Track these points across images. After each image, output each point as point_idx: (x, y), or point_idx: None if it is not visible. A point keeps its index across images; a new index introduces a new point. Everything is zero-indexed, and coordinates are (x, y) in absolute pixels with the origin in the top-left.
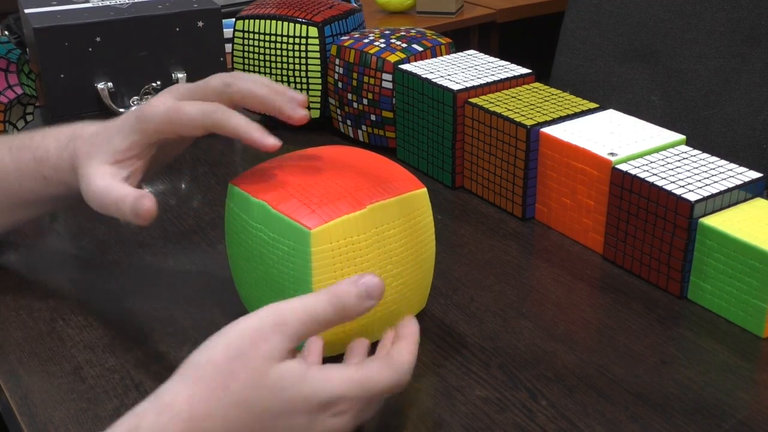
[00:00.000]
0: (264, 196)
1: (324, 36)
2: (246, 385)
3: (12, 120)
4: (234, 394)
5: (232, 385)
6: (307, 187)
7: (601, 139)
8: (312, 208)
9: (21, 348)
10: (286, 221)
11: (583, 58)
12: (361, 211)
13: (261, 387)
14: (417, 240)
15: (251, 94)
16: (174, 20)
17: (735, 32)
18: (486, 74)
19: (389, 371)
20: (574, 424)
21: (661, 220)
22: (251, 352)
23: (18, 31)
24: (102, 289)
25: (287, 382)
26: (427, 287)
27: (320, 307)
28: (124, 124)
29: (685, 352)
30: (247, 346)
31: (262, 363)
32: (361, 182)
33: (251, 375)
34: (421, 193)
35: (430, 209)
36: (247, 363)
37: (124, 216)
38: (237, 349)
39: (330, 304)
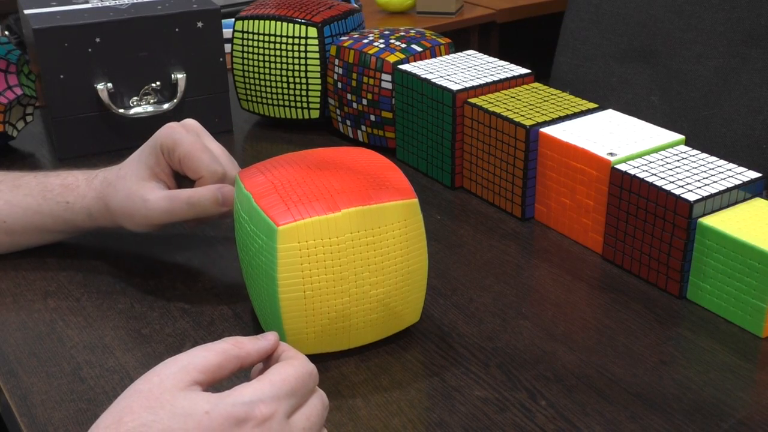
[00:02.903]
0: (252, 188)
1: (323, 36)
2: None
3: (12, 121)
4: (128, 422)
5: (126, 417)
6: (295, 185)
7: (600, 139)
8: (288, 206)
9: (21, 348)
10: (261, 215)
11: (583, 58)
12: (334, 214)
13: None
14: (403, 251)
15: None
16: (174, 21)
17: (735, 32)
18: (485, 74)
19: (293, 367)
20: (574, 424)
21: (660, 220)
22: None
23: (18, 32)
24: (102, 290)
25: (181, 401)
26: (419, 301)
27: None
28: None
29: (685, 352)
30: (139, 385)
31: (153, 390)
32: (349, 186)
33: (144, 403)
34: (408, 204)
35: (420, 221)
36: (140, 395)
37: (200, 211)
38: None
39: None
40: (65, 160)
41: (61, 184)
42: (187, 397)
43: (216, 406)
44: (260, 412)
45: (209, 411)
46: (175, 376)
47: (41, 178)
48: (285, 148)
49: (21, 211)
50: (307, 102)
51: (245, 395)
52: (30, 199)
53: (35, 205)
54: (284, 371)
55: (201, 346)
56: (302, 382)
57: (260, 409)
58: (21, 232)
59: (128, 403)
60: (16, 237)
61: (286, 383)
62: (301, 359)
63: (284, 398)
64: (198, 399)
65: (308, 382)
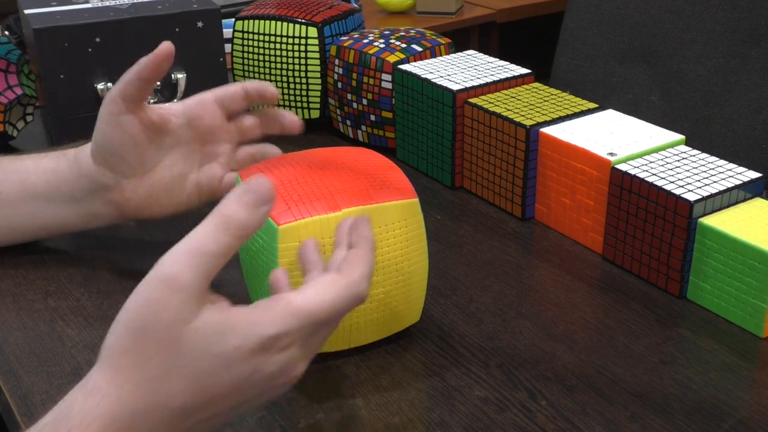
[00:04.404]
0: None
1: (323, 36)
2: (161, 359)
3: (12, 120)
4: (152, 369)
5: (145, 363)
6: (295, 185)
7: (600, 139)
8: (288, 205)
9: (21, 348)
10: None
11: (583, 58)
12: (334, 213)
13: (178, 354)
14: (404, 251)
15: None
16: (174, 20)
17: (735, 32)
18: (485, 74)
19: (334, 290)
20: (574, 424)
21: (660, 220)
22: (155, 323)
23: (18, 32)
24: (102, 290)
25: (208, 341)
26: (420, 300)
27: (208, 239)
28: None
29: (685, 352)
30: (147, 319)
31: (171, 332)
32: (350, 185)
33: (161, 347)
34: (408, 204)
35: (420, 221)
36: (151, 336)
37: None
38: (139, 324)
39: (217, 230)
40: None
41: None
42: (212, 331)
43: (246, 340)
44: (283, 343)
45: (239, 346)
46: (187, 305)
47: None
48: (285, 148)
49: (16, 175)
50: (308, 102)
51: (272, 327)
52: (28, 161)
53: (30, 165)
54: (317, 303)
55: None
56: (340, 309)
57: (283, 341)
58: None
59: (143, 346)
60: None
61: (315, 316)
62: (357, 281)
63: (308, 328)
64: (224, 334)
65: (350, 306)
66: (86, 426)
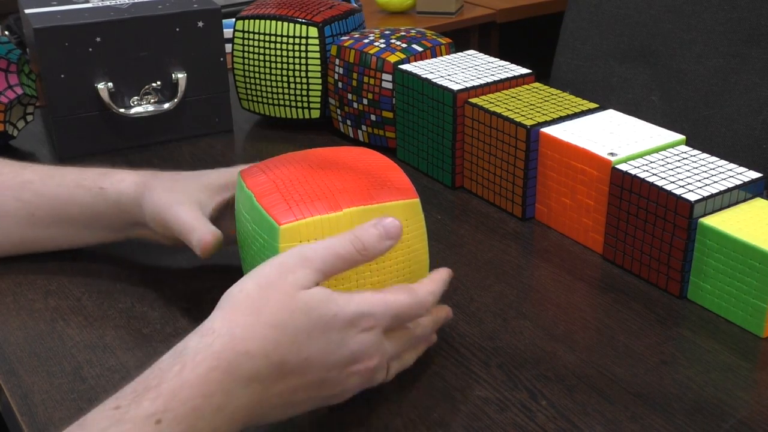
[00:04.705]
0: (254, 187)
1: (324, 36)
2: (277, 309)
3: (12, 120)
4: (267, 316)
5: (264, 310)
6: (296, 184)
7: (600, 139)
8: (289, 205)
9: (21, 348)
10: (263, 214)
11: (583, 58)
12: (336, 213)
13: (291, 310)
14: (405, 251)
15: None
16: (174, 20)
17: (735, 32)
18: (486, 74)
19: (406, 294)
20: (574, 424)
21: (660, 220)
22: (279, 281)
23: (18, 31)
24: (103, 289)
25: (315, 303)
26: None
27: (341, 246)
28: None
29: (685, 352)
30: (275, 277)
31: (290, 290)
32: (351, 185)
33: (281, 300)
34: (409, 204)
35: (421, 221)
36: (276, 290)
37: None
38: (267, 280)
39: (351, 243)
40: (65, 159)
41: (99, 171)
42: (320, 298)
43: (342, 310)
44: (367, 322)
45: (337, 314)
46: (309, 277)
47: (79, 168)
48: (285, 147)
49: (49, 201)
50: (308, 102)
51: (364, 305)
52: (62, 189)
53: (65, 195)
54: (401, 298)
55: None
56: (409, 312)
57: (367, 320)
58: (47, 224)
59: (265, 297)
60: (40, 231)
61: (395, 308)
62: (424, 294)
63: (388, 319)
64: (328, 302)
65: (418, 312)
66: (198, 361)
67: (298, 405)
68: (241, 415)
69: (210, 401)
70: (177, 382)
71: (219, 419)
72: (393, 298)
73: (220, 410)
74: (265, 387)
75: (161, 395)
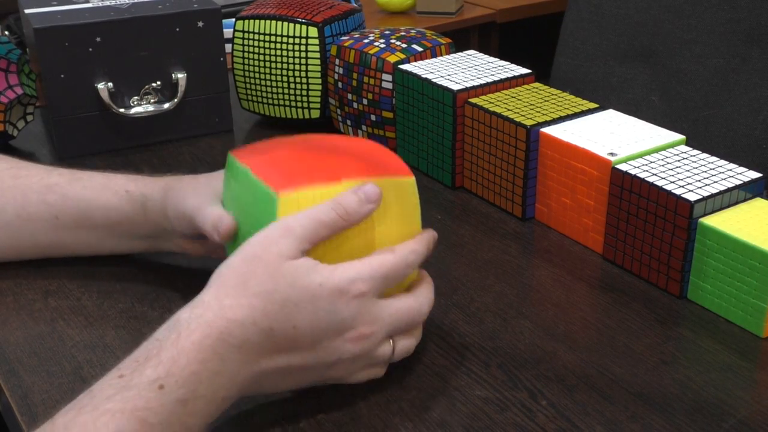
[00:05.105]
0: (249, 162)
1: (324, 36)
2: (263, 280)
3: (12, 120)
4: (253, 287)
5: (251, 281)
6: (293, 161)
7: (600, 139)
8: (288, 177)
9: (22, 347)
10: (260, 186)
11: (583, 58)
12: (334, 185)
13: (276, 280)
14: (399, 226)
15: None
16: (174, 20)
17: (735, 32)
18: (486, 74)
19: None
20: (574, 424)
21: (660, 220)
22: (264, 254)
23: (18, 31)
24: (103, 289)
25: (299, 273)
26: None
27: (323, 212)
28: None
29: (685, 352)
30: (260, 250)
31: (275, 260)
32: (347, 162)
33: (266, 271)
34: (406, 182)
35: (416, 203)
36: (261, 262)
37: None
38: (252, 253)
39: (332, 209)
40: (66, 159)
41: (126, 176)
42: (304, 269)
43: (327, 279)
44: (357, 288)
45: (322, 283)
46: (292, 247)
47: (107, 173)
48: None
49: (74, 204)
50: (308, 102)
51: (350, 271)
52: (87, 191)
53: (90, 197)
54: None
55: (313, 216)
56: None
57: (357, 286)
58: (71, 227)
59: (251, 270)
60: (65, 235)
61: (381, 268)
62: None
63: (377, 280)
64: (312, 272)
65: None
66: (192, 330)
67: (294, 376)
68: (239, 380)
69: (207, 366)
70: (175, 349)
71: (217, 383)
72: (377, 259)
73: (217, 375)
74: (257, 354)
75: (162, 362)
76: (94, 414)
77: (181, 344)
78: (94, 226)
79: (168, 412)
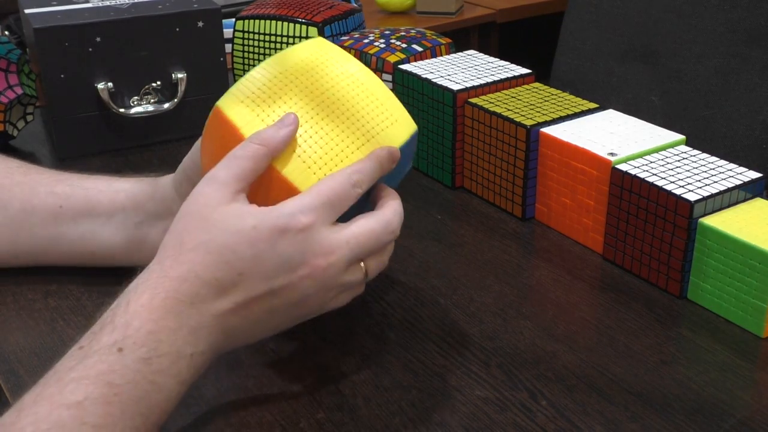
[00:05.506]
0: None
1: (324, 36)
2: (196, 233)
3: (12, 120)
4: (189, 242)
5: (186, 238)
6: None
7: (600, 139)
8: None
9: (21, 348)
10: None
11: (583, 58)
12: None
13: (208, 230)
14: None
15: None
16: (174, 20)
17: (735, 32)
18: (486, 74)
19: (331, 179)
20: (574, 424)
21: (660, 220)
22: (193, 207)
23: (18, 31)
24: (103, 289)
25: (230, 219)
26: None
27: (240, 147)
28: None
29: (685, 352)
30: (189, 206)
31: (204, 210)
32: None
33: (198, 223)
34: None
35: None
36: (192, 217)
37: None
38: (183, 212)
39: (248, 141)
40: (65, 159)
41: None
42: (234, 214)
43: (262, 221)
44: (299, 222)
45: (256, 225)
46: (218, 193)
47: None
48: None
49: (83, 192)
50: None
51: (286, 207)
52: (100, 182)
53: (102, 186)
54: (322, 184)
55: (231, 156)
56: (339, 193)
57: (299, 219)
58: (72, 216)
59: (184, 226)
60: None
61: (322, 195)
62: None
63: (321, 208)
64: (245, 214)
65: (348, 192)
66: (139, 295)
67: (264, 323)
68: (204, 335)
69: (162, 324)
70: (126, 314)
71: (180, 339)
72: (316, 188)
73: (176, 331)
74: (211, 306)
75: (116, 328)
76: (59, 385)
77: (132, 308)
78: (96, 213)
79: (132, 371)
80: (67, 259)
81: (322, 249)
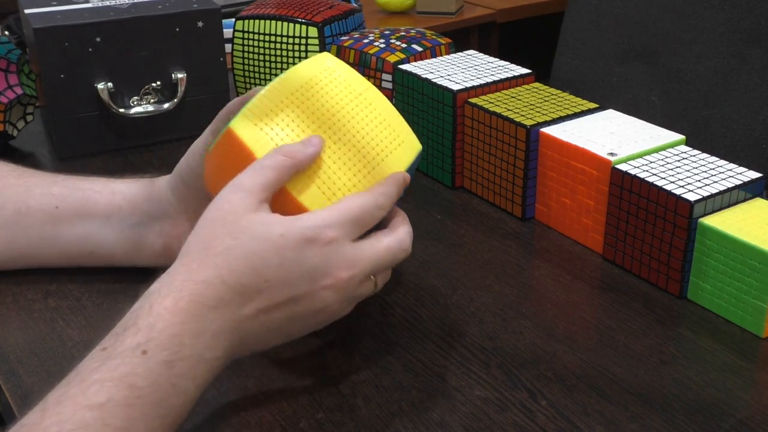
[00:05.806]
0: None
1: (324, 36)
2: (223, 238)
3: (12, 120)
4: (215, 247)
5: (213, 243)
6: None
7: (600, 139)
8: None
9: (21, 348)
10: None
11: (583, 58)
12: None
13: (236, 236)
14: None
15: None
16: (174, 20)
17: (734, 32)
18: (486, 74)
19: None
20: (574, 424)
21: (660, 220)
22: (219, 213)
23: (18, 32)
24: (103, 289)
25: (259, 226)
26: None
27: (267, 158)
28: None
29: (685, 352)
30: (214, 212)
31: (231, 218)
32: None
33: (225, 229)
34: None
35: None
36: (219, 223)
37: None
38: (208, 218)
39: (275, 152)
40: (65, 159)
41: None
42: (262, 221)
43: (289, 229)
44: (326, 235)
45: (284, 233)
46: (244, 201)
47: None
48: None
49: (80, 193)
50: None
51: (313, 219)
52: (97, 183)
53: (99, 187)
54: (351, 202)
55: (256, 166)
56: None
57: (326, 233)
58: (68, 217)
59: (209, 231)
60: (58, 227)
61: (352, 212)
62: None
63: (348, 225)
64: (273, 222)
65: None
66: (164, 296)
67: (282, 329)
68: (224, 339)
69: (185, 327)
70: (150, 317)
71: (202, 343)
72: (345, 204)
73: (198, 335)
74: (234, 311)
75: (140, 330)
76: (82, 386)
77: (155, 311)
78: (92, 213)
79: (155, 374)
80: (65, 259)
81: (346, 262)
